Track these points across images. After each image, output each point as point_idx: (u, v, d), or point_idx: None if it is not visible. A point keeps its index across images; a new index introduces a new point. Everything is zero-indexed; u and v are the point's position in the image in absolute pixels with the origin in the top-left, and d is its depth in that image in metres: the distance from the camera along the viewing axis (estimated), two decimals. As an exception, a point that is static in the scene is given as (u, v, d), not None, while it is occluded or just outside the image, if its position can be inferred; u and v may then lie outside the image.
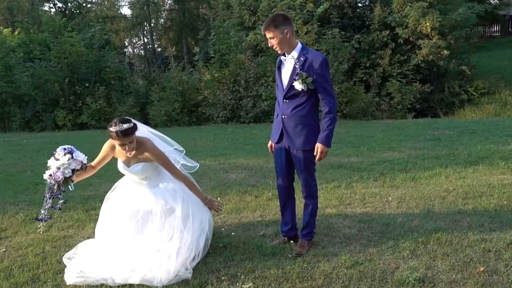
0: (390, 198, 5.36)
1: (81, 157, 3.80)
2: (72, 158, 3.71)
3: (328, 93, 3.70)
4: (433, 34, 17.22)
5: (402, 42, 18.01)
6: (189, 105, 16.40)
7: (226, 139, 10.98)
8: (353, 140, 9.88)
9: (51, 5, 35.23)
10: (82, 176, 3.97)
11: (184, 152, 4.26)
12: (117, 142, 3.63)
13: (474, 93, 18.48)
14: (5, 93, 17.69)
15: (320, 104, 3.76)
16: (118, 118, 3.61)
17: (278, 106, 3.94)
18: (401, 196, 5.43)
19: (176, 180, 3.95)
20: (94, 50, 18.14)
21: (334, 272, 3.47)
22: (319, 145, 3.69)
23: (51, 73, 17.09)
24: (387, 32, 17.94)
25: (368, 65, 17.90)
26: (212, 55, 16.47)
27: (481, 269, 3.39)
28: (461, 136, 9.72)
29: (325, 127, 3.69)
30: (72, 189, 3.92)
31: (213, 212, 4.26)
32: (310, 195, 3.94)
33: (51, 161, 3.72)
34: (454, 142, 8.98)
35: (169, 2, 40.98)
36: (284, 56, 3.80)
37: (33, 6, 34.20)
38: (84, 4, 36.41)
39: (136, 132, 3.69)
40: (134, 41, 44.57)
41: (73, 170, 3.72)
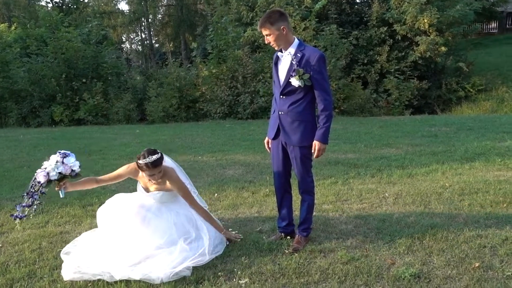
0: (386, 194, 5.37)
1: (74, 164, 3.76)
2: (63, 162, 3.69)
3: (324, 90, 3.69)
4: (430, 30, 17.24)
5: (399, 38, 18.04)
6: (187, 101, 16.36)
7: (224, 135, 10.98)
8: (350, 136, 9.89)
9: (48, 0, 35.06)
10: (80, 186, 4.01)
11: (197, 193, 4.42)
12: (146, 173, 3.72)
13: (471, 90, 18.53)
14: (2, 89, 17.59)
15: (316, 101, 3.76)
16: (146, 150, 3.72)
17: (275, 102, 3.93)
18: (398, 192, 5.45)
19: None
20: (91, 46, 18.05)
21: (331, 267, 3.48)
22: (316, 143, 3.70)
23: (48, 69, 16.99)
24: (385, 28, 17.97)
25: (365, 61, 17.93)
26: (209, 51, 16.43)
27: (476, 265, 3.40)
28: (458, 133, 9.75)
29: (321, 124, 3.69)
30: (62, 196, 3.88)
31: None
32: (307, 191, 3.94)
33: (45, 161, 3.74)
34: (451, 139, 9.01)
35: (166, -3, 40.88)
36: (281, 52, 3.79)
37: (30, 1, 34.03)
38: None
39: None
40: (132, 36, 44.48)
41: (60, 174, 3.69)
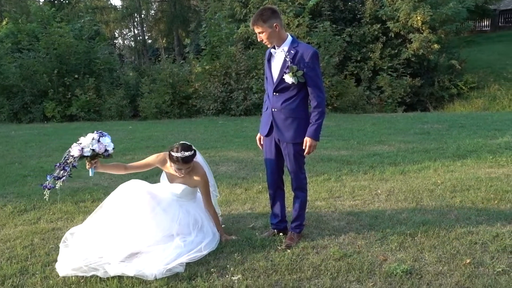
0: (379, 191, 5.40)
1: (108, 144, 3.82)
2: (98, 141, 3.76)
3: (318, 87, 3.70)
4: (423, 28, 17.29)
5: (393, 36, 18.08)
6: (180, 98, 16.31)
7: (217, 132, 10.98)
8: (343, 133, 9.92)
9: (40, -5, 34.74)
10: (110, 169, 4.06)
11: (217, 196, 4.51)
12: (175, 165, 3.80)
13: (463, 87, 18.63)
14: (-7, 84, 17.48)
15: (309, 97, 3.77)
16: (181, 145, 3.78)
17: (268, 99, 3.93)
18: (390, 189, 5.47)
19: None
20: (83, 41, 17.93)
21: (323, 264, 3.50)
22: (307, 139, 3.71)
23: (39, 64, 16.86)
24: (378, 25, 17.98)
25: (359, 58, 17.95)
26: (203, 47, 16.39)
27: (468, 261, 3.43)
28: (450, 130, 9.81)
29: (314, 121, 3.70)
30: (91, 175, 3.94)
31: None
32: (300, 188, 3.95)
33: (82, 137, 3.82)
34: (443, 136, 9.06)
35: (159, -7, 40.67)
36: (274, 48, 3.78)
37: (22, -5, 33.68)
38: (74, -6, 35.96)
39: None
40: (124, 32, 44.19)
41: (93, 151, 3.74)
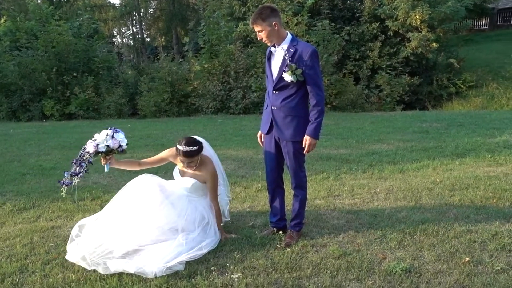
0: (378, 190, 5.41)
1: (122, 140, 3.91)
2: (112, 137, 3.85)
3: (317, 85, 3.70)
4: (422, 26, 17.31)
5: (391, 34, 18.10)
6: (179, 96, 16.31)
7: (216, 130, 10.98)
8: (342, 132, 9.93)
9: (38, -7, 34.66)
10: (124, 165, 4.16)
11: (227, 182, 4.55)
12: (180, 158, 3.92)
13: (462, 86, 18.66)
14: (-9, 82, 17.46)
15: (309, 96, 3.77)
16: (186, 139, 3.90)
17: (268, 97, 3.94)
18: (389, 187, 5.48)
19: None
20: (82, 39, 17.93)
21: (322, 262, 3.50)
22: (307, 138, 3.71)
23: (38, 62, 16.84)
24: (377, 24, 18.00)
25: (357, 57, 17.98)
26: (201, 46, 16.39)
27: (466, 260, 3.44)
28: (448, 129, 9.82)
29: (313, 119, 3.70)
30: (107, 170, 4.02)
31: None
32: (300, 186, 3.96)
33: (96, 134, 3.91)
34: (441, 135, 9.07)
35: (158, -9, 40.58)
36: (274, 47, 3.79)
37: (20, -7, 33.59)
38: (72, -8, 35.88)
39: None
40: (123, 30, 44.13)
41: (108, 147, 3.83)
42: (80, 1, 33.10)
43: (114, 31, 42.02)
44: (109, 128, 3.94)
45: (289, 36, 3.75)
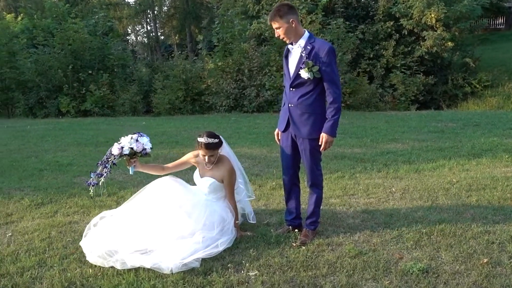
0: (393, 189, 5.37)
1: (146, 143, 4.02)
2: (137, 140, 3.97)
3: (333, 83, 3.69)
4: (437, 25, 17.14)
5: (406, 33, 17.94)
6: (192, 94, 16.37)
7: (229, 128, 10.99)
8: (356, 131, 9.88)
9: (54, -9, 34.98)
10: (148, 169, 4.26)
11: (247, 181, 4.54)
12: (201, 151, 3.97)
13: (477, 86, 18.43)
14: (9, 79, 17.71)
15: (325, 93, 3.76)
16: (207, 132, 4.02)
17: (285, 95, 3.94)
18: (405, 187, 5.45)
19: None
20: (97, 37, 18.10)
21: (338, 261, 3.49)
22: (324, 135, 3.71)
23: (54, 60, 17.04)
24: (392, 23, 17.87)
25: (372, 56, 17.86)
26: (215, 44, 16.40)
27: (485, 261, 3.41)
28: (464, 129, 9.71)
29: (330, 117, 3.70)
30: (131, 173, 4.11)
31: None
32: (315, 184, 3.95)
33: (122, 137, 4.03)
34: (457, 135, 8.98)
35: (172, -11, 40.71)
36: (292, 44, 3.79)
37: (36, -9, 33.96)
38: (87, -9, 36.18)
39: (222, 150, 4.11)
40: (137, 28, 44.37)
41: (132, 149, 3.94)
42: (96, -1, 33.39)
43: (128, 29, 42.28)
44: (134, 132, 4.06)
45: (306, 34, 3.75)
